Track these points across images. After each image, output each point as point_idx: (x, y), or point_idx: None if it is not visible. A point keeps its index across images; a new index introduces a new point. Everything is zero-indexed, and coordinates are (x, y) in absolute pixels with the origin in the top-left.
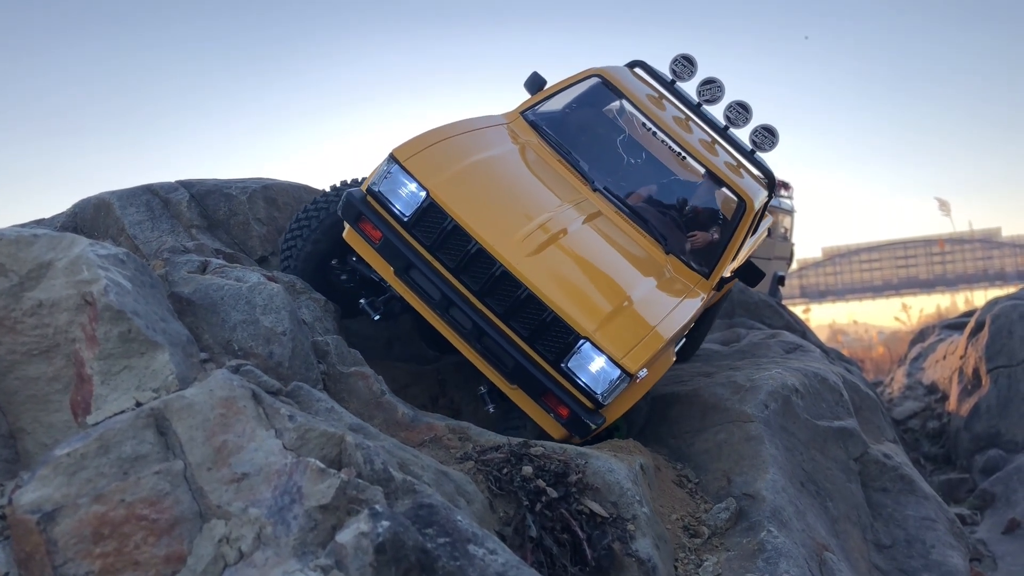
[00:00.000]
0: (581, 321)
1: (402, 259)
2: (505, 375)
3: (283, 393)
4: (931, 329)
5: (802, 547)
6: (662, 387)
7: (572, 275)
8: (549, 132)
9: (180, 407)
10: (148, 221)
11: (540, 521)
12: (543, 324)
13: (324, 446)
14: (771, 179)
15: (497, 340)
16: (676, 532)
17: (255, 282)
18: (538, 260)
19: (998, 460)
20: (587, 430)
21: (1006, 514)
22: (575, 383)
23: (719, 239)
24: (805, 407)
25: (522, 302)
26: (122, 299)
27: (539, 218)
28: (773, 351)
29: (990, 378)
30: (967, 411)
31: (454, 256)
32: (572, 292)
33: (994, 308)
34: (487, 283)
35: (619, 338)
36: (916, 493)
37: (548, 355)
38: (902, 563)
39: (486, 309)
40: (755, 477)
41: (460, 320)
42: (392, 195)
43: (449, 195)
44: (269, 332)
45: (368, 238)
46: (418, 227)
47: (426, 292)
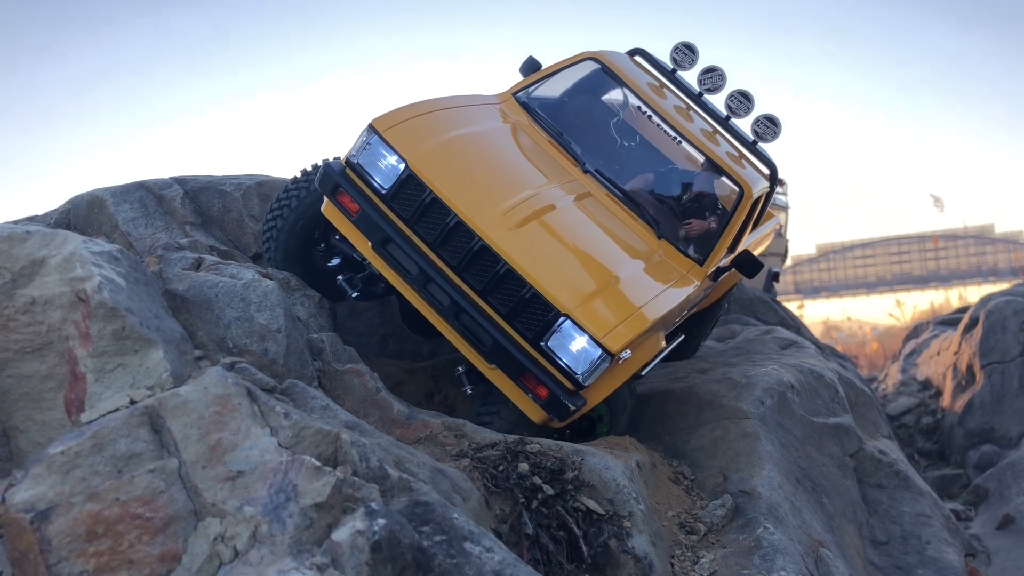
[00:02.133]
0: (561, 298)
1: (379, 232)
2: (483, 354)
3: (278, 391)
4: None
5: (798, 544)
6: (656, 383)
7: (554, 252)
8: (541, 113)
9: (175, 405)
10: (142, 218)
11: (536, 518)
12: (522, 301)
13: (319, 444)
14: (773, 170)
15: (475, 317)
16: (672, 529)
17: (249, 279)
18: (519, 235)
19: (992, 456)
20: (566, 411)
21: (1000, 509)
22: (555, 363)
23: (716, 229)
24: (801, 403)
25: (501, 277)
26: (116, 296)
27: (523, 193)
28: (768, 347)
29: (984, 374)
30: (961, 407)
31: (432, 230)
32: (554, 269)
33: (988, 304)
34: (465, 257)
35: (601, 317)
36: (911, 489)
37: (527, 333)
38: (898, 559)
39: (464, 285)
40: (751, 474)
41: (438, 296)
42: (371, 167)
43: (429, 167)
44: (264, 329)
45: (346, 211)
46: (396, 200)
47: (403, 267)
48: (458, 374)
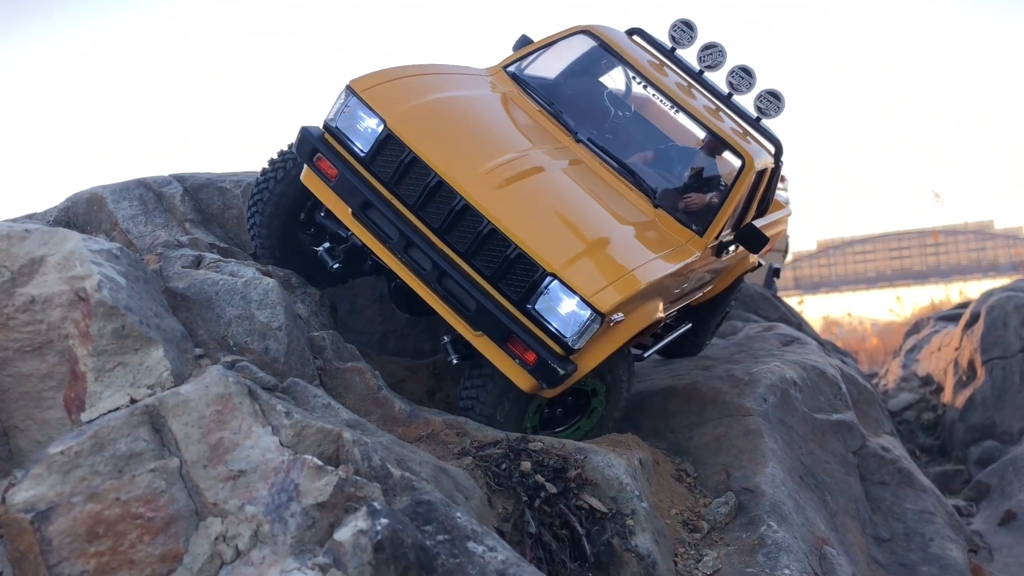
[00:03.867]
0: (548, 257)
1: (359, 197)
2: (468, 320)
3: (279, 389)
4: (926, 321)
5: (802, 541)
6: (658, 380)
7: (541, 213)
8: (532, 85)
9: (175, 404)
10: (141, 215)
11: (539, 517)
12: (507, 261)
13: (321, 443)
14: (778, 147)
15: (458, 281)
16: (675, 527)
17: (250, 277)
18: (504, 194)
19: (993, 451)
20: (555, 376)
21: (1001, 505)
22: (543, 326)
23: (717, 204)
24: (804, 400)
25: (484, 238)
26: (116, 295)
27: (509, 155)
28: (770, 344)
29: (985, 369)
30: (962, 403)
31: (413, 191)
32: (539, 228)
33: (989, 300)
34: (448, 219)
35: (590, 276)
36: (915, 486)
37: (513, 296)
38: (901, 556)
39: (447, 248)
40: (754, 471)
41: (419, 261)
42: (350, 130)
43: (409, 127)
44: (264, 328)
45: (324, 176)
46: (376, 162)
47: (384, 232)
48: (443, 343)
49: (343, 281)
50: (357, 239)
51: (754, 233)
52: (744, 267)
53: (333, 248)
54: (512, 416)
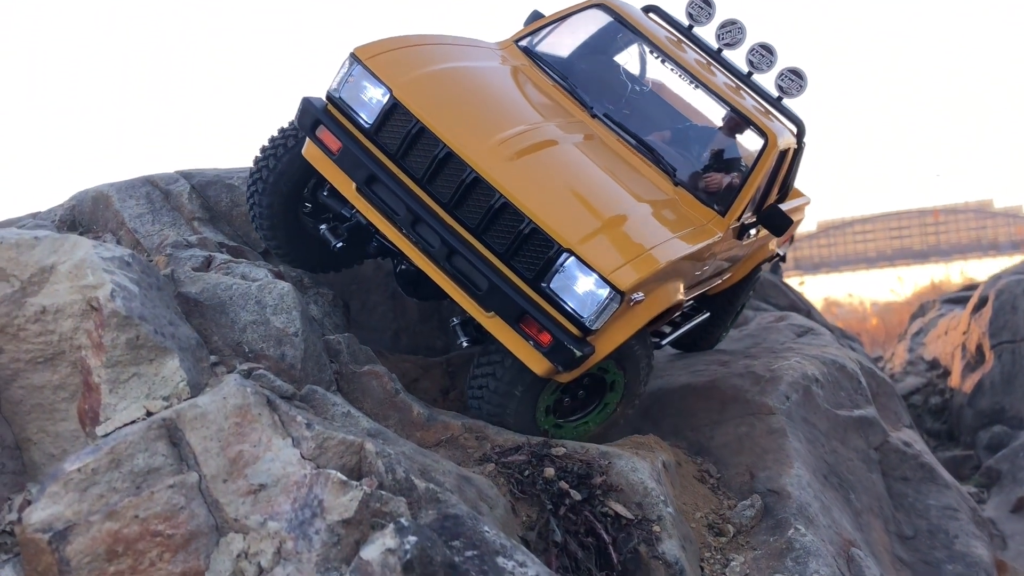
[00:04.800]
0: (564, 232)
1: (363, 170)
2: (479, 300)
3: (297, 398)
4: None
5: (830, 544)
6: (676, 377)
7: (555, 187)
8: (545, 59)
9: (193, 417)
10: (148, 214)
11: (564, 525)
12: (520, 237)
13: (343, 454)
14: (800, 127)
15: (469, 258)
16: (701, 531)
17: (264, 281)
18: (517, 166)
19: (1003, 437)
20: (571, 358)
21: (1013, 492)
22: (558, 305)
23: (738, 184)
24: (825, 397)
25: (496, 212)
26: (129, 304)
27: (521, 126)
28: (784, 335)
29: (994, 354)
30: (971, 387)
31: (420, 163)
32: (554, 203)
33: (997, 283)
34: (457, 192)
35: (608, 253)
36: (937, 482)
37: (527, 273)
38: (925, 554)
39: (457, 224)
40: (779, 472)
41: (428, 238)
42: (354, 101)
43: (416, 96)
44: (280, 333)
45: (327, 149)
46: (381, 134)
47: (390, 207)
48: (452, 325)
49: (348, 264)
50: (361, 216)
51: (777, 214)
52: (763, 255)
53: (336, 227)
54: (525, 404)
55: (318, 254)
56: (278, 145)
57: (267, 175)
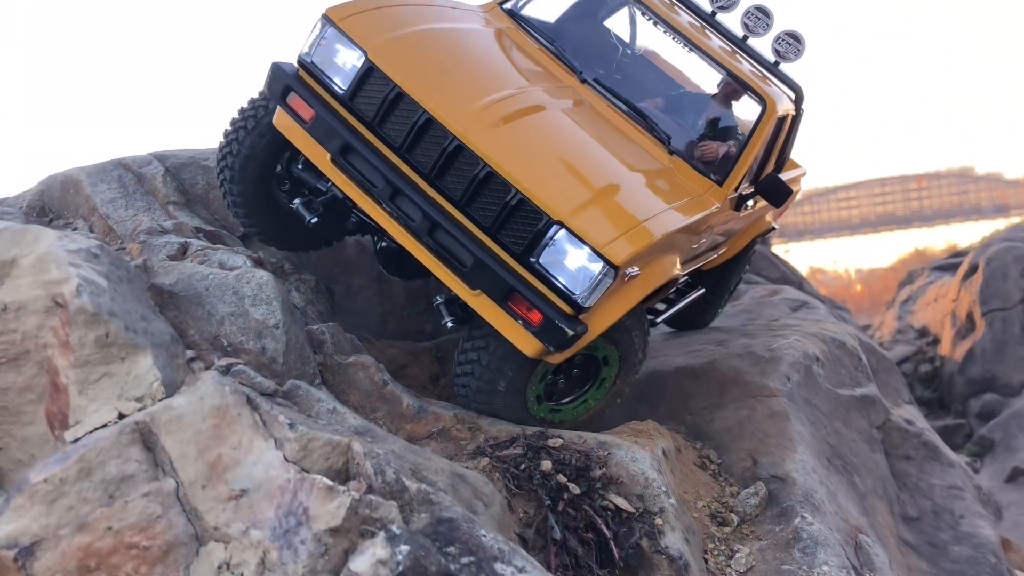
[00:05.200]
0: (554, 203)
1: (338, 139)
2: (464, 277)
3: (279, 394)
4: (919, 271)
5: (837, 532)
6: (672, 358)
7: (543, 155)
8: (531, 21)
9: (168, 419)
10: (121, 198)
11: (563, 520)
12: (507, 209)
13: (329, 456)
14: (799, 93)
15: (452, 232)
16: (703, 521)
17: (242, 270)
18: (502, 132)
19: (994, 405)
20: (563, 338)
21: (1007, 461)
22: (548, 282)
23: (735, 153)
24: (826, 376)
25: (481, 182)
26: (97, 300)
27: (507, 91)
28: (779, 310)
29: (985, 321)
30: (961, 355)
31: (399, 132)
32: (543, 172)
33: (987, 251)
34: (439, 162)
35: (601, 225)
36: (940, 460)
37: (515, 248)
38: (931, 536)
39: (439, 195)
40: (783, 457)
41: (408, 211)
42: (327, 65)
43: (393, 58)
44: (260, 325)
45: (298, 117)
46: (357, 100)
47: (367, 179)
48: (436, 304)
49: (328, 242)
50: (337, 189)
51: (777, 184)
52: (759, 228)
53: (310, 201)
54: (515, 388)
55: (296, 233)
56: (247, 117)
57: (237, 150)
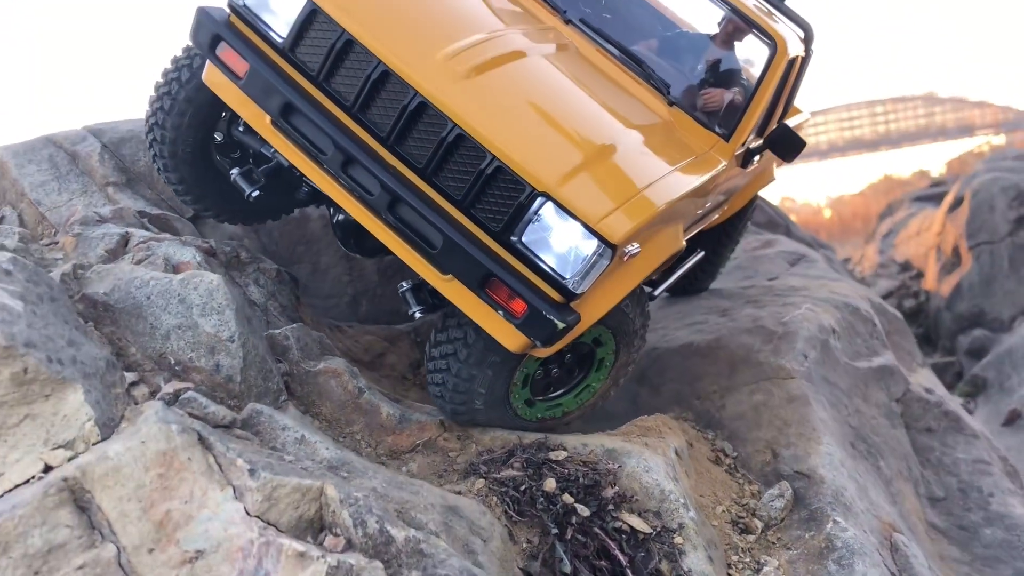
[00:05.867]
0: (537, 170)
1: (278, 98)
2: (432, 260)
3: (237, 424)
4: (899, 202)
5: (871, 535)
6: (672, 333)
7: (525, 111)
8: None
9: (103, 472)
10: (53, 181)
11: (572, 548)
12: (482, 178)
13: (299, 504)
14: (808, 32)
15: (417, 208)
16: (724, 529)
17: (187, 275)
18: (474, 86)
19: (984, 341)
20: (552, 331)
21: (1002, 402)
22: (533, 264)
23: (741, 102)
24: (843, 348)
25: (450, 147)
26: (10, 329)
27: (477, 35)
28: (777, 264)
29: (972, 255)
30: (948, 290)
31: (351, 87)
32: (524, 132)
33: (973, 182)
34: (399, 123)
35: (594, 195)
36: (964, 431)
37: (492, 225)
38: (960, 518)
39: (400, 163)
40: (807, 450)
41: (364, 183)
42: (262, 9)
43: (341, 0)
44: (212, 339)
45: (231, 73)
46: (299, 50)
47: (315, 145)
48: (401, 292)
49: (278, 215)
50: (282, 157)
51: (788, 135)
52: (763, 182)
53: (251, 171)
54: (497, 388)
55: (243, 206)
56: (173, 78)
57: (164, 118)
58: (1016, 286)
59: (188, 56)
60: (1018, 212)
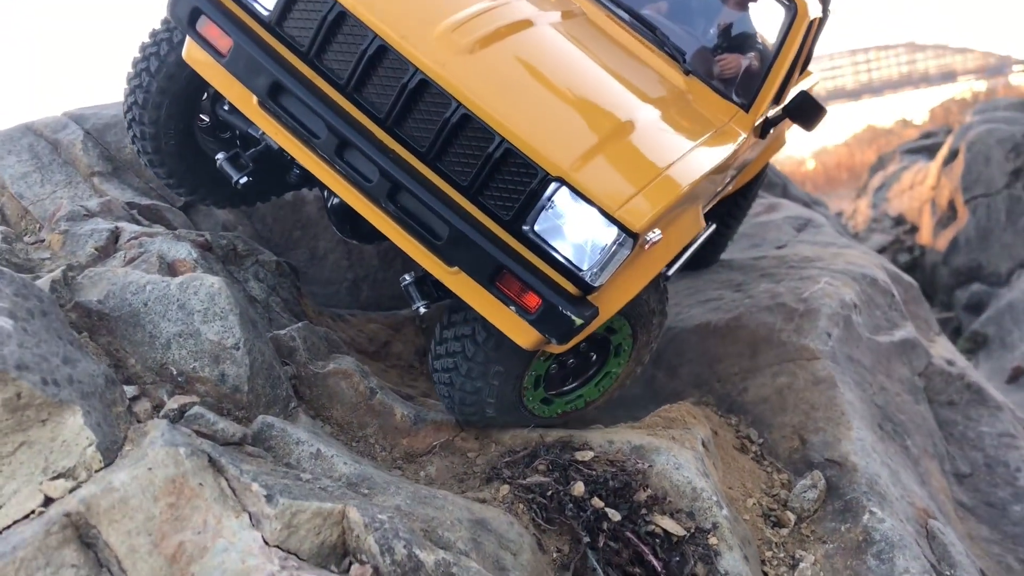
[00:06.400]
0: (551, 153)
1: (265, 76)
2: (438, 252)
3: (248, 441)
4: (891, 155)
5: (908, 523)
6: (685, 311)
7: (534, 87)
8: None
9: (109, 505)
10: (35, 172)
11: (605, 556)
12: (490, 163)
13: (320, 529)
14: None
15: (419, 195)
16: (756, 523)
17: (186, 278)
18: (479, 60)
19: (982, 295)
20: (569, 328)
21: (1004, 358)
22: (546, 255)
23: (758, 68)
24: (864, 323)
25: (455, 128)
26: (0, 351)
27: (481, 3)
28: (784, 231)
29: (968, 209)
30: (944, 245)
31: (344, 64)
32: (534, 111)
33: (968, 134)
34: (398, 103)
35: (613, 179)
36: (988, 404)
37: (502, 213)
38: (987, 494)
39: (400, 147)
40: (837, 436)
41: (361, 168)
42: None
43: None
44: (216, 348)
45: (213, 49)
46: (287, 24)
47: (306, 128)
48: (404, 285)
49: (266, 197)
50: (271, 140)
51: (809, 103)
52: (775, 149)
53: (238, 155)
54: (507, 394)
55: (234, 190)
56: (150, 55)
57: (144, 98)
58: (1013, 239)
59: (167, 29)
60: (1015, 164)
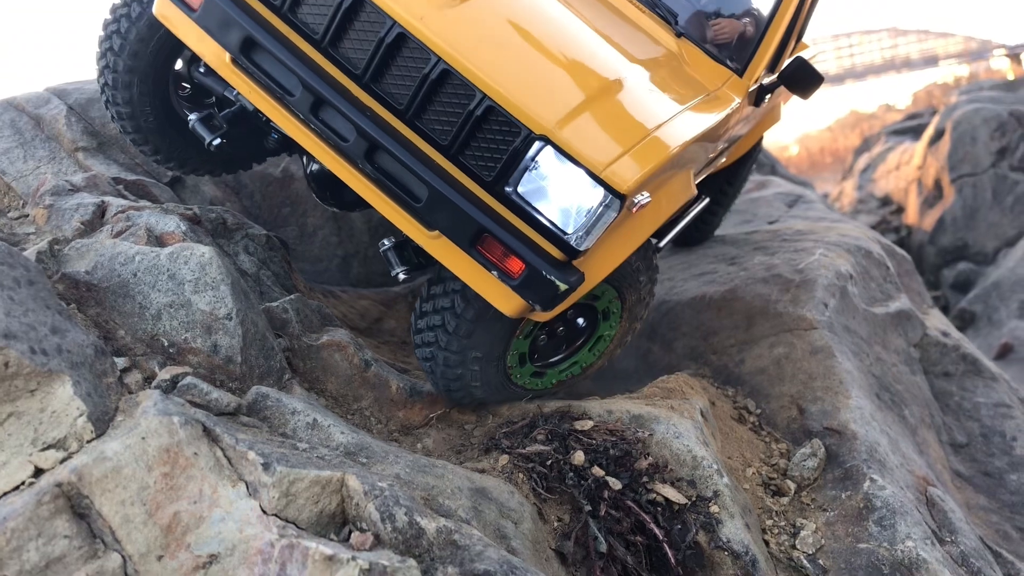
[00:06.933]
0: (535, 111)
1: (237, 31)
2: (417, 214)
3: (243, 411)
4: (876, 137)
5: (908, 491)
6: (679, 284)
7: (516, 44)
8: None
9: (102, 474)
10: (18, 148)
11: (606, 524)
12: (471, 120)
13: (319, 498)
14: None
15: (397, 155)
16: (756, 492)
17: (176, 247)
18: (460, 14)
19: (969, 274)
20: (553, 294)
21: (991, 335)
22: (530, 217)
23: (754, 33)
24: (860, 294)
25: (434, 85)
26: None
27: None
28: (775, 207)
29: (954, 188)
30: (931, 224)
31: (319, 18)
32: (517, 68)
33: (954, 114)
34: (375, 58)
35: (599, 138)
36: (983, 375)
37: (484, 174)
38: (984, 464)
39: (377, 104)
40: (835, 405)
41: (337, 127)
42: None
43: None
44: (208, 318)
45: (184, 4)
46: None
47: (280, 85)
48: (383, 251)
49: (248, 164)
50: (245, 100)
51: (805, 69)
52: (770, 122)
53: (211, 116)
54: (491, 369)
55: (210, 156)
56: (112, 34)
57: (115, 60)
58: (999, 218)
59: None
60: (1000, 143)
